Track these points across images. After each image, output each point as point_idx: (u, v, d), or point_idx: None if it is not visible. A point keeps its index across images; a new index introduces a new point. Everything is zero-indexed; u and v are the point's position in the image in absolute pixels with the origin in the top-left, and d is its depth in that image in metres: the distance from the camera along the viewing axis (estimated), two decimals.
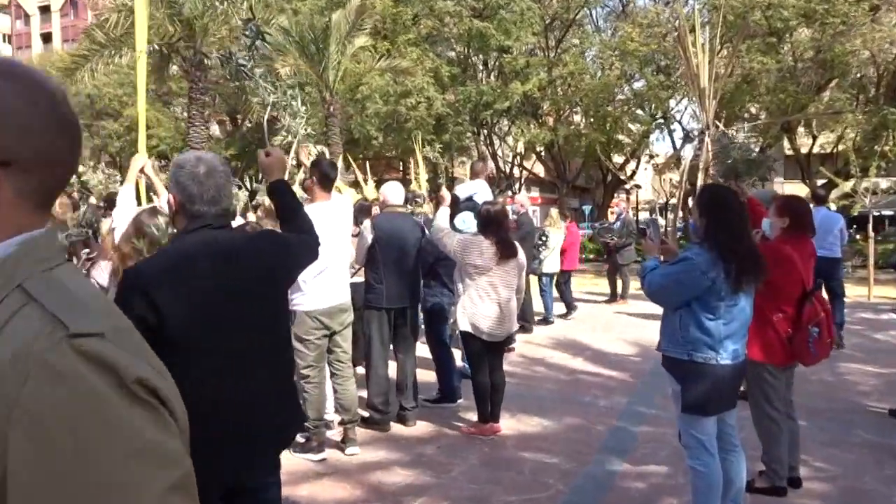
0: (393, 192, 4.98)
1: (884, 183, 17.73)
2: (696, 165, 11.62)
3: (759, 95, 20.08)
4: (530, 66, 22.99)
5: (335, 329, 4.37)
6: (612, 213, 12.53)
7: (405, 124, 20.76)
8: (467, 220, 5.21)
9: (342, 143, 23.72)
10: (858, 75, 20.11)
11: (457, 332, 4.72)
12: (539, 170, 34.24)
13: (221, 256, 1.96)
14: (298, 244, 2.26)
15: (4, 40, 60.19)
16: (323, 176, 4.26)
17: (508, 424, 4.98)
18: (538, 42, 24.61)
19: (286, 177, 2.46)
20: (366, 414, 4.95)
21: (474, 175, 6.56)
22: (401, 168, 28.99)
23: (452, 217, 5.35)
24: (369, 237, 4.79)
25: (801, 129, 22.90)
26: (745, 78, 19.23)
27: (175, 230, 2.16)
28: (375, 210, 6.14)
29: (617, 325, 9.33)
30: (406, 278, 4.89)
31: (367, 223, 4.86)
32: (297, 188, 8.84)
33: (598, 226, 11.68)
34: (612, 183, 30.65)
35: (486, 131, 26.85)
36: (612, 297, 11.49)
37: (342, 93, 20.93)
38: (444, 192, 4.86)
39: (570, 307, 9.96)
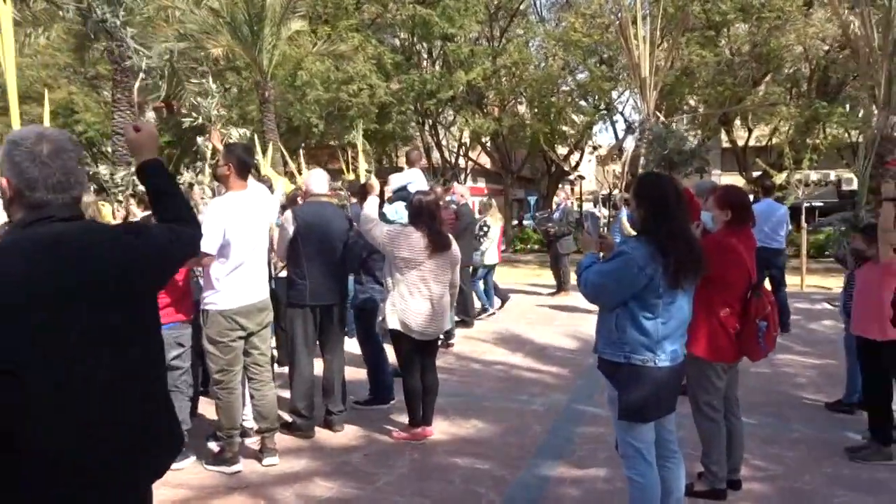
0: (316, 180, 4.61)
1: (814, 175, 18.25)
2: (638, 156, 11.66)
3: (697, 88, 20.37)
4: (475, 56, 22.74)
5: (252, 329, 4.01)
6: (557, 203, 12.44)
7: (347, 112, 20.21)
8: (399, 211, 4.92)
9: (281, 131, 23.09)
10: (792, 70, 20.61)
11: (385, 329, 4.41)
12: (485, 160, 34.13)
13: (68, 256, 1.60)
14: (174, 238, 1.90)
15: None
16: (240, 163, 3.89)
17: (441, 427, 4.71)
18: (482, 31, 24.38)
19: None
20: (289, 419, 4.61)
21: (410, 164, 6.24)
22: (345, 158, 28.33)
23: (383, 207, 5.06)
24: (290, 229, 4.43)
25: (737, 123, 23.37)
26: (684, 70, 19.46)
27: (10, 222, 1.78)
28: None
29: (557, 318, 9.19)
30: (331, 273, 4.55)
31: (287, 214, 4.49)
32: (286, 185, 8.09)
33: (538, 215, 11.57)
34: (557, 174, 30.74)
35: (430, 121, 26.51)
36: (559, 289, 11.36)
37: (281, 78, 20.22)
38: (373, 181, 4.53)
39: (503, 298, 9.71)
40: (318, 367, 4.70)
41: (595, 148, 30.16)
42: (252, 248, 4.00)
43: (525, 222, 38.25)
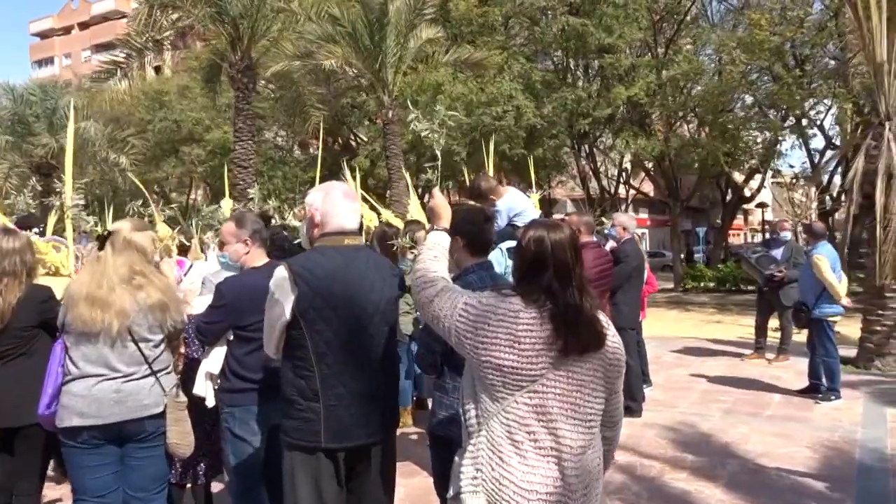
0: (339, 208, 2.45)
1: None
2: (873, 169, 8.45)
3: None
4: (636, 69, 19.99)
5: None
6: (772, 237, 9.23)
7: (490, 137, 18.26)
8: (503, 261, 2.64)
9: (425, 160, 21.62)
10: None
11: None
12: (648, 188, 30.85)
13: None
14: None
15: (125, 75, 64.16)
16: None
17: None
18: (645, 41, 21.56)
19: None
20: None
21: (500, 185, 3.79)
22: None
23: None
24: (286, 304, 2.29)
25: None
26: None
27: None
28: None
29: (768, 403, 6.33)
30: (368, 385, 2.36)
31: (278, 273, 2.34)
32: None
33: (751, 253, 8.64)
34: (733, 202, 26.80)
35: (587, 145, 23.91)
36: (759, 349, 8.50)
37: (423, 104, 18.82)
38: (438, 198, 2.27)
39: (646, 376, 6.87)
40: None
41: (777, 172, 25.90)
42: None
43: (696, 255, 34.20)
